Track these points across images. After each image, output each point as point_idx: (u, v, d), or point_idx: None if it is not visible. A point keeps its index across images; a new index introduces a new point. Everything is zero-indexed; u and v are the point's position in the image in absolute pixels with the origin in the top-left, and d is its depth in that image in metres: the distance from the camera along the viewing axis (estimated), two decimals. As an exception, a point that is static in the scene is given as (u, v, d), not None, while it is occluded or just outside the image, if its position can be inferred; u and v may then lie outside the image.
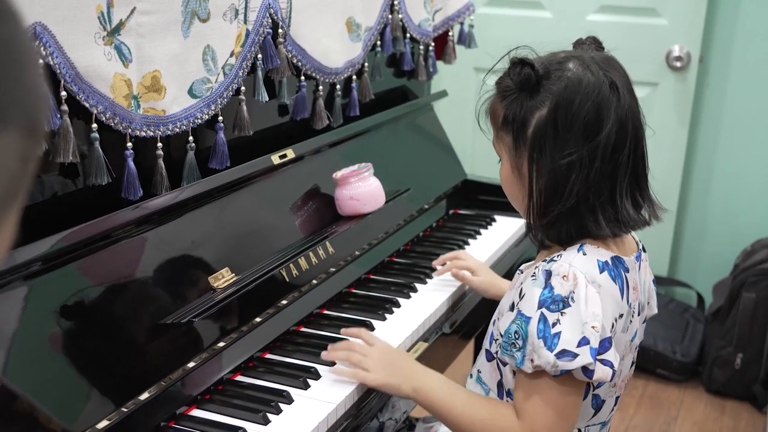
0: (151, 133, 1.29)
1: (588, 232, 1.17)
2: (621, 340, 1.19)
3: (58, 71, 1.12)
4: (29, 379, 1.05)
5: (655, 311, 1.32)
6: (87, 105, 1.17)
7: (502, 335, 1.17)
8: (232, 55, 1.45)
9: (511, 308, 1.20)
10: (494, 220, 2.11)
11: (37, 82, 0.46)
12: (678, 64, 2.99)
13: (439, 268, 1.72)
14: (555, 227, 1.18)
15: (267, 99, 1.54)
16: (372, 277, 1.74)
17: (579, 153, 1.12)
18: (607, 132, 1.12)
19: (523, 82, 1.16)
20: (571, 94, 1.13)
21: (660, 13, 3.00)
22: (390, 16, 1.98)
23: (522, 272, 1.27)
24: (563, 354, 1.09)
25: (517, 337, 1.14)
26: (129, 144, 1.26)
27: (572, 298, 1.11)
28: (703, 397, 2.92)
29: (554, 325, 1.10)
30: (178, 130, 1.34)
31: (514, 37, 1.36)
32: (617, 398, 1.27)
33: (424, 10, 2.12)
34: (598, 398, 1.22)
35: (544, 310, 1.11)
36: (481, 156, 3.15)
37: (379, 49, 1.97)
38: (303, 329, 1.49)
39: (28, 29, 1.05)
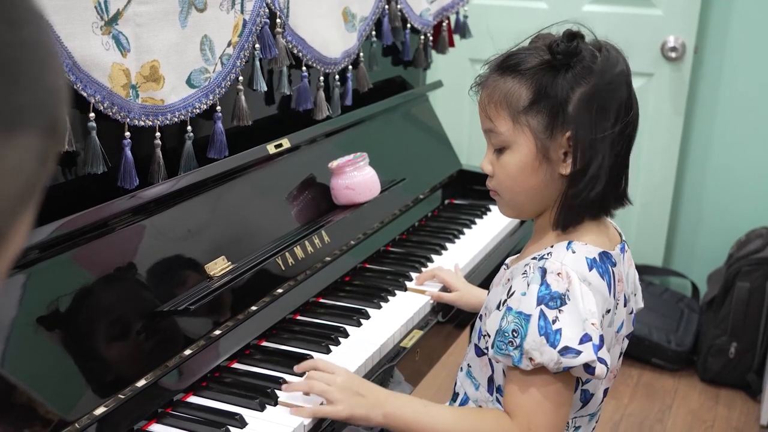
0: (150, 123, 1.29)
1: (608, 206, 1.20)
2: (607, 333, 1.18)
3: (56, 60, 1.12)
4: (26, 367, 1.06)
5: (642, 305, 1.31)
6: (85, 94, 1.18)
7: (492, 334, 1.16)
8: (229, 44, 1.45)
9: (498, 306, 1.18)
10: (489, 210, 2.12)
11: (58, 82, 0.46)
12: (673, 54, 3.00)
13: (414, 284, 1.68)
14: (594, 205, 1.17)
15: (265, 89, 1.55)
16: (367, 266, 1.75)
17: (621, 128, 1.14)
18: (635, 108, 1.17)
19: (570, 55, 1.14)
20: (611, 73, 1.14)
21: (655, 3, 3.00)
22: (387, 7, 1.98)
23: (508, 267, 1.26)
24: (566, 351, 1.08)
25: (515, 335, 1.11)
26: (127, 133, 1.27)
27: (568, 296, 1.10)
28: (698, 385, 2.94)
29: (554, 321, 1.09)
30: (176, 119, 1.35)
31: (509, 28, 1.35)
32: (606, 390, 1.27)
33: (424, 0, 2.12)
34: (587, 393, 1.21)
35: (543, 306, 1.10)
36: (476, 146, 3.16)
37: (374, 39, 1.97)
38: (299, 317, 1.50)
39: (51, 29, 1.05)
